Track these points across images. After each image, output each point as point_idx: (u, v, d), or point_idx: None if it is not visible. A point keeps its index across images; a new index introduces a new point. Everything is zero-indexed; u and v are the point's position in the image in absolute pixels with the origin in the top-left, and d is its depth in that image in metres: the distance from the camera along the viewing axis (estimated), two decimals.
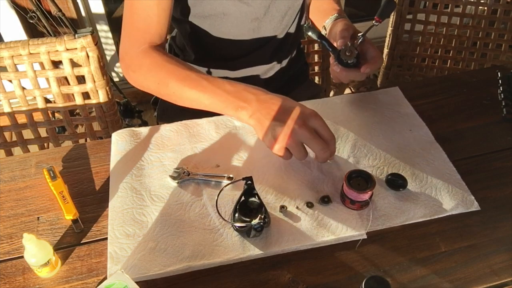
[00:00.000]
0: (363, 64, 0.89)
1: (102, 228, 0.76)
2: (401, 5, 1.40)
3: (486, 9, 1.39)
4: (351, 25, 0.96)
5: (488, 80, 1.05)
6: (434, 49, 1.49)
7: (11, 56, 1.03)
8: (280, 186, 0.81)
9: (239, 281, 0.68)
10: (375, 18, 0.91)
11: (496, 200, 0.79)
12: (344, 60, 0.89)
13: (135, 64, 0.87)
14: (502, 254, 0.71)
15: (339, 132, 0.91)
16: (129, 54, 0.88)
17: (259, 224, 0.71)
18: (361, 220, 0.75)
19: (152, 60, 0.84)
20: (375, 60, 0.90)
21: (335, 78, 0.94)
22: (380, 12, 0.91)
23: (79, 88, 1.12)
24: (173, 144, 0.89)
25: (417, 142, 0.89)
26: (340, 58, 0.89)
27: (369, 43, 0.92)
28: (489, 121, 0.95)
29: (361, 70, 0.88)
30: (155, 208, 0.78)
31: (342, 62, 0.89)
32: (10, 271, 0.70)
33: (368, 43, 0.92)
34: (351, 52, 0.88)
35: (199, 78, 0.80)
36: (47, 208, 0.79)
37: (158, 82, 0.84)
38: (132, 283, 0.63)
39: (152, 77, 0.85)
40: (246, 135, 0.91)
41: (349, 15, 1.04)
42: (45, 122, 1.18)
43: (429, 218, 0.76)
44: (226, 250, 0.71)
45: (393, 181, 0.80)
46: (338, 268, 0.70)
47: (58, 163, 0.87)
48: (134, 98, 2.14)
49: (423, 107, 0.97)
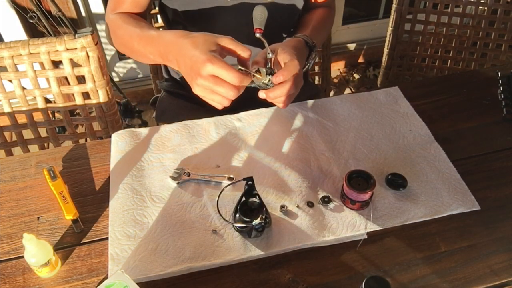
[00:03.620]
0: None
1: (102, 228, 0.76)
2: (401, 5, 1.40)
3: (486, 9, 1.39)
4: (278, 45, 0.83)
5: (488, 80, 1.05)
6: (434, 49, 1.49)
7: (11, 56, 1.03)
8: (280, 186, 0.81)
9: (239, 281, 0.69)
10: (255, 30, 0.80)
11: (496, 200, 0.79)
12: (260, 84, 0.77)
13: (109, 28, 0.95)
14: (502, 254, 0.71)
15: (339, 132, 0.91)
16: (106, 20, 0.96)
17: (260, 224, 0.71)
18: (362, 220, 0.75)
19: (116, 23, 0.92)
20: (287, 65, 0.76)
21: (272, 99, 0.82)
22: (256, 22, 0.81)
23: (79, 88, 1.12)
24: (173, 144, 0.89)
25: (417, 142, 0.89)
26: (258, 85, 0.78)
27: (283, 51, 0.79)
28: (489, 121, 0.95)
29: (272, 80, 0.76)
30: (155, 209, 0.78)
31: (261, 87, 0.78)
32: (10, 271, 0.70)
33: (282, 51, 0.79)
34: (260, 73, 0.77)
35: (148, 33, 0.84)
36: (47, 208, 0.79)
37: (122, 43, 0.92)
38: (132, 283, 0.63)
39: (118, 39, 0.93)
40: (246, 135, 0.91)
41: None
42: (45, 122, 1.18)
43: (429, 218, 0.76)
44: (227, 250, 0.71)
45: (393, 181, 0.80)
46: (338, 268, 0.70)
47: (58, 163, 0.87)
48: (134, 98, 2.14)
49: (423, 107, 0.97)
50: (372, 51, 2.41)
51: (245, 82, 0.71)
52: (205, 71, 0.69)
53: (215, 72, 0.69)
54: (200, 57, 0.70)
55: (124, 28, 0.89)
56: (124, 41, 0.89)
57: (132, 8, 0.94)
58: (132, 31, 0.87)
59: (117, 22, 0.91)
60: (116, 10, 0.94)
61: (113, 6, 0.95)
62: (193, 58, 0.71)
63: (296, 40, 0.90)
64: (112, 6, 0.95)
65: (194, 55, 0.71)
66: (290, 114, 0.95)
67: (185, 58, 0.73)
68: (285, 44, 0.85)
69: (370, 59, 2.45)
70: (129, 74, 2.19)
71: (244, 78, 0.70)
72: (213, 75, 0.69)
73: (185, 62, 0.73)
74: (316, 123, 0.92)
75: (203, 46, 0.72)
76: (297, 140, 0.89)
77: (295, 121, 0.93)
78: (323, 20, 1.03)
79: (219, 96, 0.71)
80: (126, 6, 0.94)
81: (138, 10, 0.95)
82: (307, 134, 0.90)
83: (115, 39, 0.94)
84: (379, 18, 2.41)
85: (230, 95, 0.70)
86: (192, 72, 0.71)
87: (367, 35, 2.43)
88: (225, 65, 0.69)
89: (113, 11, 0.95)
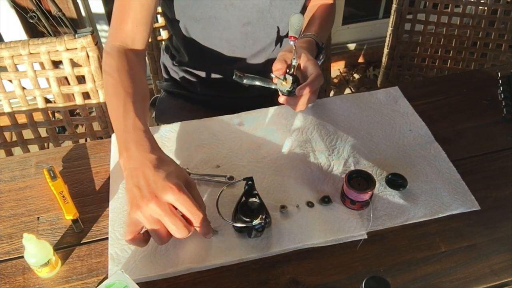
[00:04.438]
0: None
1: (102, 228, 0.76)
2: (401, 5, 1.40)
3: (486, 9, 1.39)
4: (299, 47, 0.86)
5: (488, 80, 1.05)
6: (434, 49, 1.49)
7: (11, 56, 1.03)
8: (280, 186, 0.81)
9: (239, 281, 0.68)
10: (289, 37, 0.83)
11: (496, 200, 0.79)
12: (283, 90, 0.82)
13: (102, 62, 0.86)
14: (502, 254, 0.71)
15: (339, 132, 0.91)
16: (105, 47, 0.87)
17: (260, 224, 0.71)
18: (362, 220, 0.75)
19: (110, 66, 0.82)
20: (312, 79, 0.80)
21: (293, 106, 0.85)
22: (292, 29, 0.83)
23: (79, 88, 1.12)
24: (173, 144, 0.89)
25: (417, 142, 0.89)
26: (280, 90, 0.83)
27: (309, 62, 0.83)
28: (489, 121, 0.95)
29: (296, 93, 0.80)
30: None
31: (284, 93, 0.83)
32: (10, 271, 0.70)
33: (308, 61, 0.83)
34: (286, 80, 0.81)
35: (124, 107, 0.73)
36: (47, 208, 0.79)
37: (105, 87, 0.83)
38: (132, 283, 0.63)
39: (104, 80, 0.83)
40: (246, 136, 0.91)
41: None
42: (45, 122, 1.18)
43: (429, 218, 0.76)
44: (227, 251, 0.71)
45: (393, 181, 0.80)
46: (338, 268, 0.70)
47: (58, 163, 0.87)
48: None
49: (423, 107, 0.97)
50: (372, 51, 2.41)
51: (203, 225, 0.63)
52: (165, 197, 0.60)
53: (177, 203, 0.61)
54: (168, 181, 0.61)
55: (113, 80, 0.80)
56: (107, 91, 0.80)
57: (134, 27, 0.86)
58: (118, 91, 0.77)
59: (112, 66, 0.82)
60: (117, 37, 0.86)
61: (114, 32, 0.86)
62: (156, 176, 0.62)
63: (308, 41, 0.92)
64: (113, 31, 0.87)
65: (159, 175, 0.62)
66: (290, 114, 0.95)
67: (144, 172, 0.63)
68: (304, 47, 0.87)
69: (370, 59, 2.46)
70: None
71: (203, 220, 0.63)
72: (172, 205, 0.61)
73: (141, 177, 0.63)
74: (316, 123, 0.92)
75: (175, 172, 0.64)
76: (297, 140, 0.89)
77: (295, 121, 0.93)
78: (327, 17, 1.05)
79: (163, 231, 0.62)
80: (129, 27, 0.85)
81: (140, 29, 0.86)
82: (307, 134, 0.90)
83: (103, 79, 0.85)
84: (379, 18, 2.41)
85: (180, 233, 0.62)
86: (146, 191, 0.61)
87: (367, 35, 2.43)
88: (190, 199, 0.62)
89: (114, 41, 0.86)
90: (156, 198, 0.60)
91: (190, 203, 0.62)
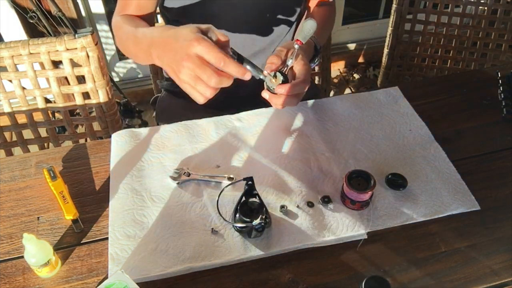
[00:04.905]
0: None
1: (102, 228, 0.76)
2: (401, 5, 1.40)
3: (486, 9, 1.39)
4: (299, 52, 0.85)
5: (488, 80, 1.05)
6: (434, 49, 1.49)
7: (11, 56, 1.03)
8: (280, 186, 0.81)
9: (239, 281, 0.69)
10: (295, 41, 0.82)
11: (496, 200, 0.79)
12: (270, 87, 0.81)
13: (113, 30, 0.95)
14: (502, 254, 0.71)
15: (339, 132, 0.91)
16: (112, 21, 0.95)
17: (260, 224, 0.71)
18: (362, 220, 0.75)
19: (117, 25, 0.92)
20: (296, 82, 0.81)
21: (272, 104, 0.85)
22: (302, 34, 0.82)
23: (79, 88, 1.12)
24: (173, 144, 0.89)
25: (417, 142, 0.89)
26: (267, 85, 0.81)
27: (303, 67, 0.83)
28: (489, 121, 0.95)
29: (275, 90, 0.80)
30: (155, 209, 0.78)
31: (270, 89, 0.82)
32: (10, 271, 0.70)
33: (303, 67, 0.83)
34: (276, 77, 0.80)
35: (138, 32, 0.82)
36: (47, 208, 0.79)
37: (121, 44, 0.91)
38: (132, 283, 0.63)
39: (118, 39, 0.92)
40: (246, 135, 0.91)
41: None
42: (45, 122, 1.18)
43: (429, 218, 0.76)
44: (227, 251, 0.71)
45: (393, 181, 0.80)
46: (338, 268, 0.70)
47: (58, 163, 0.87)
48: (134, 98, 2.14)
49: (423, 107, 0.97)
50: (372, 51, 2.41)
51: (230, 68, 0.67)
52: (192, 51, 0.66)
53: (202, 52, 0.66)
54: (189, 36, 0.67)
55: (122, 29, 0.89)
56: (123, 42, 0.89)
57: (137, 11, 0.94)
58: (128, 31, 0.86)
59: (118, 23, 0.91)
60: (121, 12, 0.94)
61: (119, 8, 0.95)
62: (178, 42, 0.68)
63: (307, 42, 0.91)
64: (118, 8, 0.96)
65: (181, 36, 0.68)
66: (290, 114, 0.95)
67: (170, 48, 0.70)
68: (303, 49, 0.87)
69: (370, 59, 2.45)
70: (129, 74, 2.19)
71: (228, 62, 0.66)
72: (200, 56, 0.66)
73: (170, 51, 0.70)
74: (316, 123, 0.92)
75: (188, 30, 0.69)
76: (297, 140, 0.89)
77: (295, 121, 0.93)
78: (327, 20, 1.05)
79: (202, 84, 0.67)
80: (132, 8, 0.94)
81: (143, 12, 0.94)
82: (307, 134, 0.90)
83: (117, 41, 0.94)
84: (379, 18, 2.41)
85: (212, 82, 0.66)
86: (178, 56, 0.67)
87: (367, 35, 2.43)
88: (212, 45, 0.66)
89: (119, 13, 0.95)
90: (186, 56, 0.66)
91: (212, 48, 0.66)
